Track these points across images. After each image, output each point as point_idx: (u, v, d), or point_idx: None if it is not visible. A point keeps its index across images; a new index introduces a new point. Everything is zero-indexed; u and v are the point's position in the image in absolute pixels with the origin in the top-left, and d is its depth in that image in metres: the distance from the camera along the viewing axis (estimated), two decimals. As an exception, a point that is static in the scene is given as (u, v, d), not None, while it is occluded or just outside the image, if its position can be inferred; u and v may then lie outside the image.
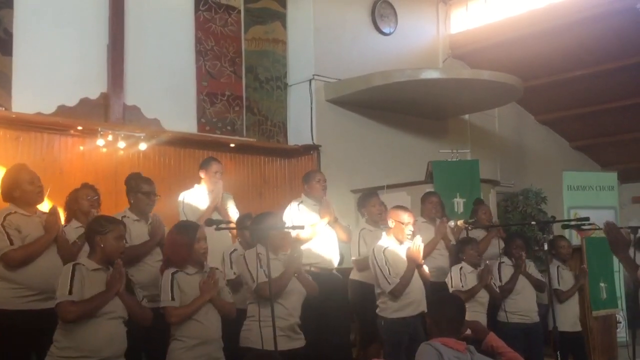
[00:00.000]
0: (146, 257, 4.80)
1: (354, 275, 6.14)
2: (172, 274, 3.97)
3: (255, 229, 4.45)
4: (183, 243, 4.03)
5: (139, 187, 4.98)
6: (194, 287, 3.97)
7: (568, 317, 6.11)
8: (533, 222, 7.31)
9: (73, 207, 5.07)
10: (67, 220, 5.07)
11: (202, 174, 5.79)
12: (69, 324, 3.62)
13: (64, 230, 4.65)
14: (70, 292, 3.60)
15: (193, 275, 4.02)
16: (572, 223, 6.27)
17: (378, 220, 5.96)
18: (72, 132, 7.37)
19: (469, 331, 4.11)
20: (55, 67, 7.39)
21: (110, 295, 3.69)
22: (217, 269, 4.32)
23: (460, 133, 10.61)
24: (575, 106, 11.61)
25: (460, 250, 5.72)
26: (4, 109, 7.01)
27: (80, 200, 5.03)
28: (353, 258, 6.05)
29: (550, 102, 11.62)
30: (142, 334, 4.09)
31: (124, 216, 4.81)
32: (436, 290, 5.52)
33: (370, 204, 6.17)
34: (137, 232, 4.84)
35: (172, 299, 3.90)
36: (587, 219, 5.24)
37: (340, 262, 6.03)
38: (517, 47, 10.27)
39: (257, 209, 7.58)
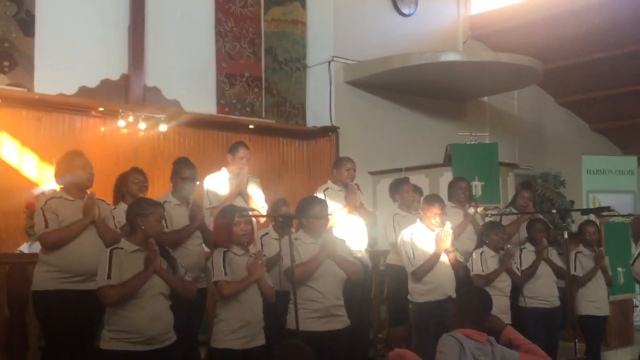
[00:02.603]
0: (187, 242, 4.86)
1: (391, 260, 6.16)
2: (224, 252, 4.04)
3: (286, 218, 4.48)
4: (222, 225, 4.11)
5: (180, 172, 5.03)
6: (241, 268, 4.04)
7: (592, 301, 6.07)
8: (554, 211, 7.23)
9: (122, 190, 5.12)
10: (115, 202, 5.13)
11: (228, 158, 5.78)
12: (114, 308, 3.68)
13: (112, 214, 4.71)
14: (108, 277, 3.65)
15: (240, 257, 4.09)
16: (593, 211, 6.19)
17: (410, 206, 5.96)
18: (93, 113, 7.45)
19: None
20: (76, 48, 7.45)
21: (148, 274, 3.73)
22: (264, 254, 4.39)
23: (479, 115, 10.53)
24: (595, 89, 11.46)
25: (484, 234, 5.69)
26: (26, 90, 7.09)
27: (129, 184, 5.07)
28: (390, 242, 6.08)
29: (571, 85, 11.49)
30: (183, 311, 4.13)
31: (166, 200, 4.86)
32: (466, 273, 5.54)
33: (403, 190, 6.18)
34: (178, 217, 4.89)
35: (225, 274, 3.97)
36: (607, 208, 5.19)
37: (372, 245, 6.06)
38: (538, 28, 10.14)
39: (275, 190, 7.62)
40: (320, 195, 5.73)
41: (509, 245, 5.71)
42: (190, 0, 8.42)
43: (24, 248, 6.14)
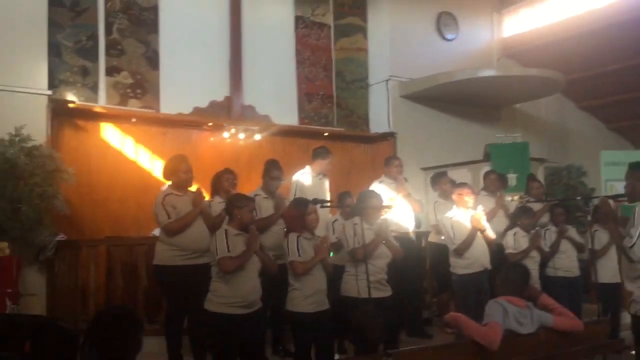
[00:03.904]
0: (272, 227, 4.95)
1: (432, 238, 6.15)
2: (297, 237, 4.09)
3: (350, 207, 4.50)
4: (297, 215, 4.15)
5: (270, 172, 5.12)
6: (310, 249, 4.10)
7: (606, 271, 5.86)
8: (579, 198, 7.03)
9: (216, 186, 5.26)
10: (212, 196, 5.26)
11: (317, 161, 5.78)
12: (226, 277, 3.80)
13: (209, 205, 4.85)
14: (228, 250, 3.80)
15: (309, 240, 4.15)
16: (610, 197, 5.95)
17: (448, 195, 5.91)
18: (204, 127, 7.65)
19: None
20: (190, 77, 7.64)
21: (251, 252, 3.86)
22: (336, 237, 4.44)
23: (512, 119, 10.25)
24: (610, 94, 10.93)
25: (517, 217, 5.59)
26: (154, 111, 7.34)
27: (223, 182, 5.21)
28: (431, 224, 6.06)
29: (590, 91, 11.01)
30: (269, 284, 4.22)
31: (257, 194, 4.96)
32: (501, 250, 5.46)
33: (442, 182, 6.19)
34: (266, 208, 5.03)
35: (299, 255, 4.04)
36: (623, 194, 4.98)
37: (418, 227, 6.04)
38: (561, 46, 9.79)
39: (346, 185, 7.65)
40: (376, 185, 5.76)
41: (537, 228, 5.59)
42: (276, 36, 8.52)
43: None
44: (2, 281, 5.03)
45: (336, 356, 4.25)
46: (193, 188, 4.76)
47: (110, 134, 7.02)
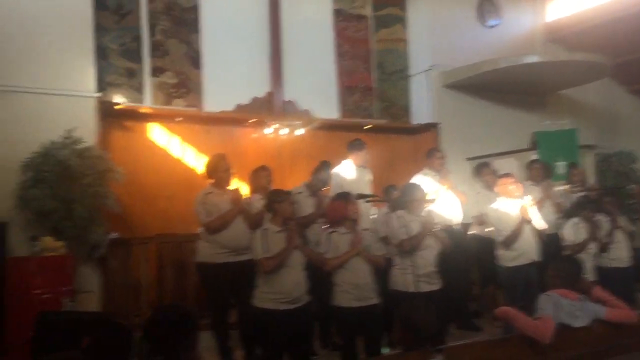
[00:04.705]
0: (312, 225, 4.98)
1: (473, 230, 6.03)
2: (330, 233, 4.08)
3: (396, 201, 4.48)
4: (340, 206, 4.15)
5: (319, 173, 5.14)
6: (345, 243, 4.07)
7: None
8: (633, 185, 6.81)
9: (254, 183, 5.31)
10: (251, 193, 5.31)
11: (353, 152, 5.76)
12: (267, 274, 3.85)
13: (250, 202, 4.90)
14: (266, 251, 3.86)
15: (344, 235, 4.11)
16: None
17: (491, 186, 5.81)
18: (246, 123, 7.69)
19: None
20: (232, 75, 7.70)
21: (291, 249, 3.88)
22: (368, 229, 4.42)
23: (558, 106, 9.95)
24: (661, 77, 10.51)
25: (579, 207, 5.42)
26: (197, 109, 7.44)
27: (260, 179, 5.25)
28: (472, 216, 5.95)
29: (639, 74, 10.57)
30: (315, 278, 4.23)
31: (300, 192, 4.99)
32: (550, 240, 5.34)
33: (484, 173, 6.09)
34: (308, 205, 5.07)
35: (326, 251, 4.05)
36: None
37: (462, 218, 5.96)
38: (607, 29, 9.43)
39: (389, 176, 7.59)
40: (419, 177, 5.70)
41: (595, 219, 5.43)
42: (315, 30, 8.49)
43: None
44: (58, 279, 5.21)
45: (386, 350, 4.23)
46: (232, 186, 4.82)
47: (157, 134, 7.14)
